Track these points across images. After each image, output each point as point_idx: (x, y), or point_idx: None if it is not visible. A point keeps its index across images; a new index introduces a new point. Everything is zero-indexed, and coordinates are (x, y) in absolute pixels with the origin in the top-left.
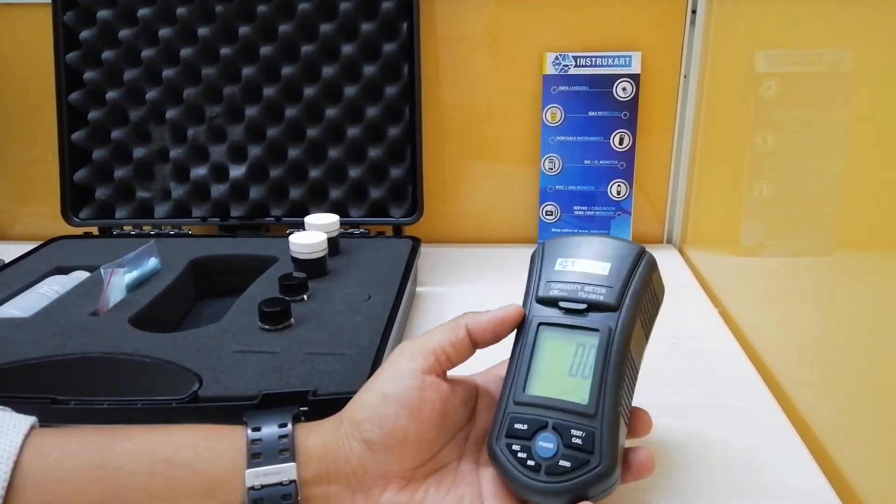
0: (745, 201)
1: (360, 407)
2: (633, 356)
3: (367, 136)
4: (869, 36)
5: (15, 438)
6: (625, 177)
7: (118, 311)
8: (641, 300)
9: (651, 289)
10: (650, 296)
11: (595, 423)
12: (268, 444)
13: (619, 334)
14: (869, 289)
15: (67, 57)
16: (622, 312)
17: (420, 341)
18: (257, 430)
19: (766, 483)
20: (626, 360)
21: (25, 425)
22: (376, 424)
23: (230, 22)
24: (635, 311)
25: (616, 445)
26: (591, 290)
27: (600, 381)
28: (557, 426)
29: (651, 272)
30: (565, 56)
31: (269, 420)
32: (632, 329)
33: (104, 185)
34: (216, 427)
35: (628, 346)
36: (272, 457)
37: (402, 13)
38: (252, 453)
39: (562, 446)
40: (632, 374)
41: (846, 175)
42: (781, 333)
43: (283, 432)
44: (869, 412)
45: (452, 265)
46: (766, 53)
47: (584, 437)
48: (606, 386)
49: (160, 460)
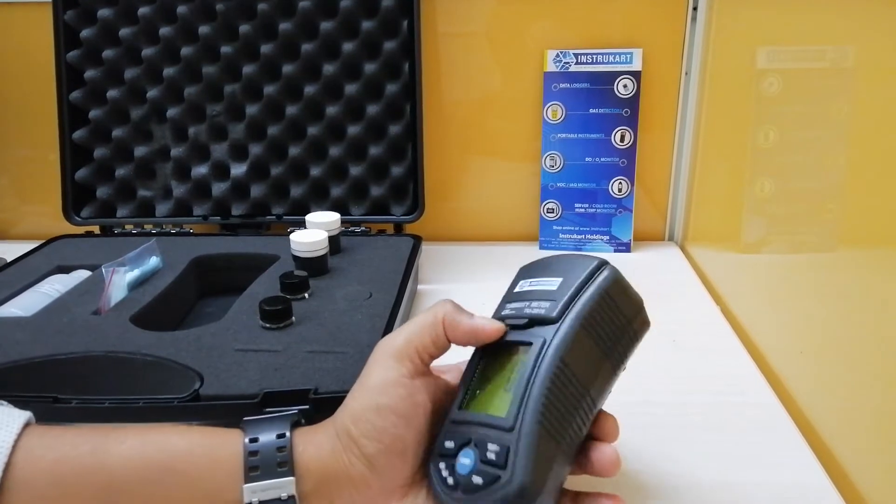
0: (747, 198)
1: (355, 420)
2: (574, 369)
3: (367, 134)
4: (871, 32)
5: (7, 438)
6: (626, 174)
7: (119, 309)
8: (590, 312)
9: (608, 300)
10: (606, 308)
11: (511, 437)
12: (265, 457)
13: (552, 345)
14: (871, 285)
15: (68, 56)
16: (562, 324)
17: (401, 341)
18: (255, 441)
19: (767, 480)
20: (558, 371)
21: (19, 423)
22: (375, 439)
23: (231, 20)
24: (579, 323)
25: (536, 461)
26: (536, 306)
27: (523, 394)
28: (478, 441)
29: (610, 284)
30: (566, 53)
31: (268, 429)
32: (571, 340)
33: (105, 184)
34: (212, 431)
35: (562, 358)
36: (270, 471)
37: (403, 11)
38: (249, 466)
39: (478, 462)
40: (573, 388)
41: (848, 171)
42: (783, 330)
43: (281, 443)
44: (871, 409)
45: (453, 263)
46: (768, 50)
47: (497, 452)
48: (529, 398)
49: (155, 467)
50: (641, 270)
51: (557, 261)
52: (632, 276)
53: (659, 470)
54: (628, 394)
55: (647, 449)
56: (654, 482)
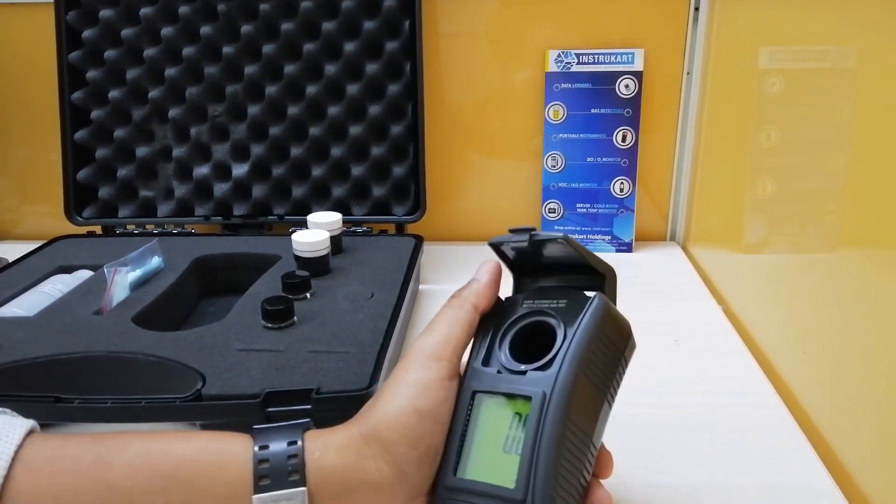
0: (749, 198)
1: (388, 426)
2: (578, 422)
3: (369, 134)
4: (873, 32)
5: (6, 450)
6: (628, 174)
7: (121, 309)
8: (586, 353)
9: (601, 336)
10: (601, 344)
11: None
12: (276, 466)
13: (554, 401)
14: (873, 285)
15: (70, 56)
16: (560, 372)
17: (438, 341)
18: (265, 449)
19: (770, 481)
20: (565, 429)
21: (20, 433)
22: (411, 446)
23: (232, 21)
24: (577, 368)
25: None
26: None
27: (530, 459)
28: None
29: (601, 317)
30: (568, 53)
31: (278, 436)
32: (572, 390)
33: (107, 185)
34: (220, 436)
35: (568, 413)
36: (281, 480)
37: (404, 11)
38: (259, 475)
39: None
40: (579, 442)
41: (850, 172)
42: (785, 330)
43: (292, 451)
44: (875, 409)
45: (455, 263)
46: (770, 50)
47: None
48: (538, 463)
49: (160, 475)
50: (643, 271)
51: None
52: (634, 277)
53: (661, 471)
54: (630, 394)
55: (649, 450)
56: (655, 483)
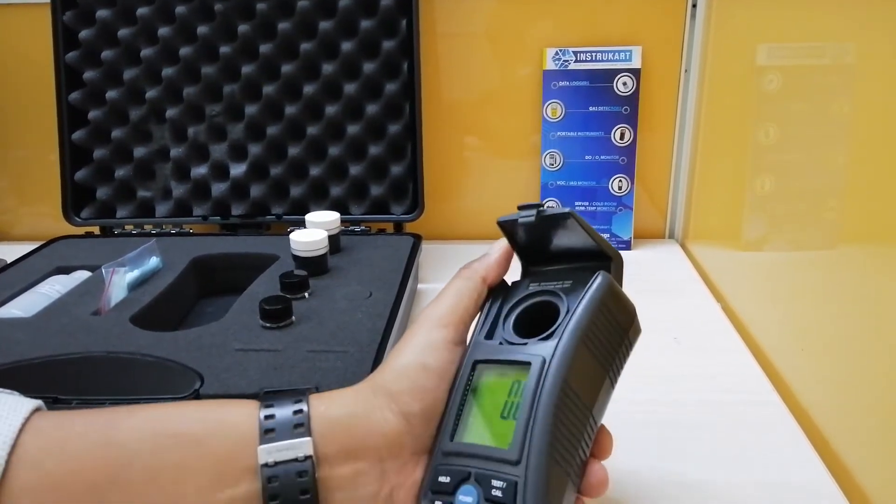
0: (748, 195)
1: (395, 378)
2: (577, 390)
3: (367, 133)
4: (872, 28)
5: (15, 421)
6: (626, 172)
7: (120, 310)
8: (588, 324)
9: (604, 311)
10: (603, 319)
11: (518, 471)
12: (281, 420)
13: (554, 366)
14: (873, 283)
15: (67, 57)
16: (561, 340)
17: (447, 309)
18: (270, 406)
19: (769, 479)
20: (562, 394)
21: (28, 407)
22: (416, 398)
23: (229, 20)
24: (578, 338)
25: (548, 496)
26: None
27: (526, 422)
28: (479, 476)
29: (605, 292)
30: (565, 51)
31: (284, 398)
32: (572, 358)
33: (105, 185)
34: (226, 401)
35: (566, 380)
36: (286, 432)
37: (402, 10)
38: (265, 429)
39: (481, 499)
40: (577, 411)
41: (849, 169)
42: (784, 328)
43: (297, 408)
44: (873, 407)
45: (453, 262)
46: (768, 46)
47: (504, 489)
48: (535, 427)
49: (167, 434)
50: (642, 268)
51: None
52: (633, 275)
53: (659, 469)
54: (629, 392)
55: (648, 448)
56: (654, 481)
